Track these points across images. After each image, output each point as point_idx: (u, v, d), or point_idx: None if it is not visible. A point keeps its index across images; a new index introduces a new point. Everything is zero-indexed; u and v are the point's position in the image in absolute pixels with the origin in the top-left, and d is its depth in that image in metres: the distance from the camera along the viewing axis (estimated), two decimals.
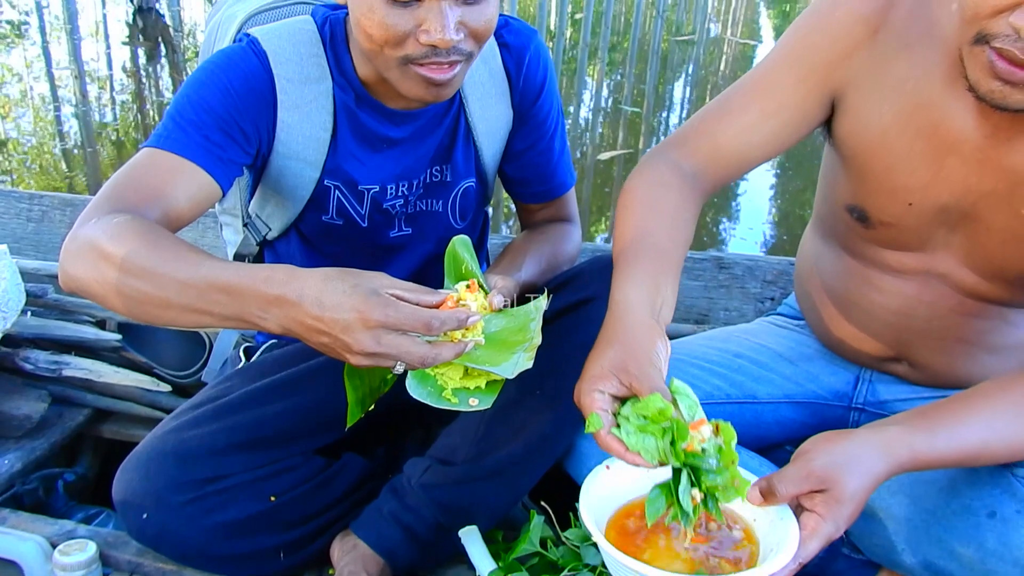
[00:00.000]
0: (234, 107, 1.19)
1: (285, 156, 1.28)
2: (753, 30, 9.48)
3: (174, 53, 6.74)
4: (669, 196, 1.18)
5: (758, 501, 0.94)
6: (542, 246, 1.40)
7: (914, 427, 0.99)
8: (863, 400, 1.39)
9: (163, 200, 1.12)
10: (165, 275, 0.98)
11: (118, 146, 4.76)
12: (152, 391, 1.73)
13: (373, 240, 1.40)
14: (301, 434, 1.31)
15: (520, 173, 1.46)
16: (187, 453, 1.22)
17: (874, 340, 1.33)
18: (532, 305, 1.13)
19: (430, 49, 1.09)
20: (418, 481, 1.25)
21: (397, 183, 1.35)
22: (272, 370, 1.37)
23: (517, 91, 1.37)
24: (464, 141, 1.37)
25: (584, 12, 9.29)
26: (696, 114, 1.29)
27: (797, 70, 1.19)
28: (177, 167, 1.14)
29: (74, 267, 1.04)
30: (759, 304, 2.16)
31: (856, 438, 0.97)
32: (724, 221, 4.39)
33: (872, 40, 1.13)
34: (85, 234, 1.04)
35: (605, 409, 0.93)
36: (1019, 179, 1.07)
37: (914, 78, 1.10)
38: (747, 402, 1.38)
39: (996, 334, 1.26)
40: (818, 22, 1.18)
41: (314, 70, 1.25)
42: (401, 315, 0.91)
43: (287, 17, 1.33)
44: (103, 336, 1.77)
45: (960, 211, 1.13)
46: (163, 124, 1.18)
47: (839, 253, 1.32)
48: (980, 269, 1.18)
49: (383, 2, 1.07)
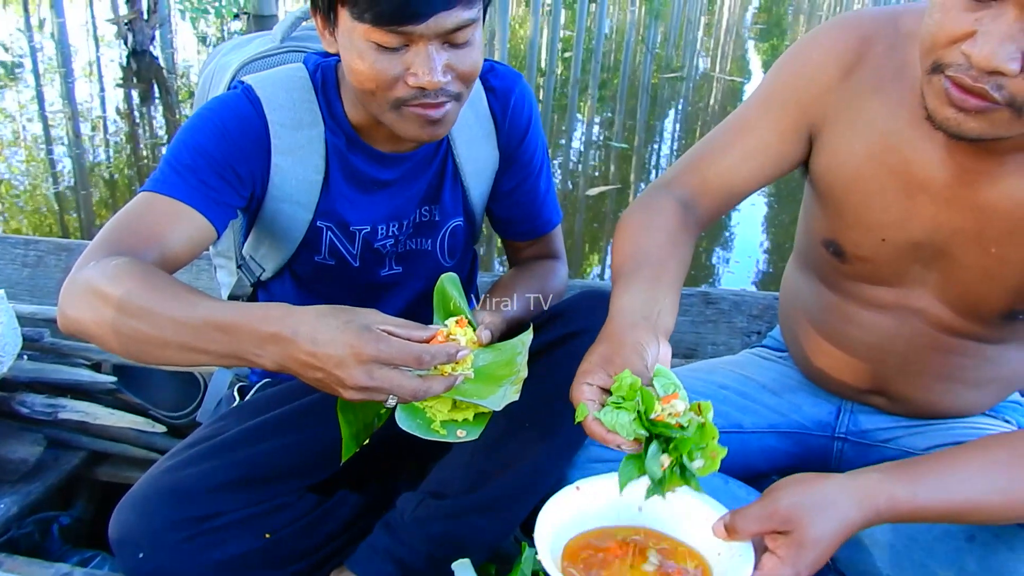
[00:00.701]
0: (229, 151, 1.23)
1: (279, 199, 1.31)
2: (742, 65, 9.60)
3: (168, 95, 6.80)
4: (663, 219, 1.22)
5: (722, 534, 0.94)
6: (529, 282, 1.43)
7: (897, 476, 0.97)
8: (845, 430, 1.42)
9: (160, 243, 1.15)
10: (162, 314, 1.01)
11: (112, 187, 4.79)
12: (147, 432, 1.73)
13: (365, 279, 1.43)
14: (295, 471, 1.32)
15: (507, 212, 1.50)
16: (183, 492, 1.23)
17: (853, 373, 1.35)
18: (518, 340, 1.17)
19: (419, 91, 1.13)
20: (411, 515, 1.26)
21: (388, 223, 1.38)
22: (266, 408, 1.39)
23: (503, 133, 1.41)
24: (452, 182, 1.41)
25: (574, 50, 9.41)
26: (685, 153, 1.34)
27: (775, 110, 1.23)
28: (173, 211, 1.18)
29: (73, 309, 1.06)
30: (746, 338, 2.19)
31: (831, 482, 0.95)
32: (716, 254, 4.43)
33: (846, 80, 1.17)
34: (83, 277, 1.07)
35: (592, 399, 0.96)
36: (988, 217, 1.10)
37: (885, 117, 1.13)
38: (733, 432, 1.41)
39: (973, 369, 1.28)
40: (795, 63, 1.23)
41: (307, 115, 1.29)
42: (393, 350, 0.94)
43: (280, 64, 1.38)
44: (99, 379, 1.79)
45: (933, 247, 1.16)
46: (159, 169, 1.21)
47: (818, 287, 1.34)
48: (955, 305, 1.20)
49: (372, 48, 1.11)
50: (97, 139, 5.62)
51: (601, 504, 1.02)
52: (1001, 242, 1.10)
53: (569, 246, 4.24)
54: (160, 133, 5.89)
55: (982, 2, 0.88)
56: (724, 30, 12.26)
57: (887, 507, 0.95)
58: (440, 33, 1.10)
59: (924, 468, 0.98)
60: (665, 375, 0.97)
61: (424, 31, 1.08)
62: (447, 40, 1.12)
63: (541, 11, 11.78)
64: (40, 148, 5.35)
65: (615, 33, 10.97)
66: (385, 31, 1.08)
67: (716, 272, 4.23)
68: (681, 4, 14.08)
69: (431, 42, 1.10)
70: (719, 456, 0.93)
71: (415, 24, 1.07)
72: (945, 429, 1.34)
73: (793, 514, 0.92)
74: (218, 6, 7.32)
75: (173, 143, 1.23)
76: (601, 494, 1.02)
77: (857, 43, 1.16)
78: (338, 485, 1.38)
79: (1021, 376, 1.33)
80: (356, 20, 1.10)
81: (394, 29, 1.08)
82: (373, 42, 1.10)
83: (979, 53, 0.87)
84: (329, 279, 1.42)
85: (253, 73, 1.34)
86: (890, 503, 0.95)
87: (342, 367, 0.93)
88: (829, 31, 1.20)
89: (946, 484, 0.97)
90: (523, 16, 11.47)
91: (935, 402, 1.33)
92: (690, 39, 10.94)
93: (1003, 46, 0.86)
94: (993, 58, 0.86)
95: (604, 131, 6.52)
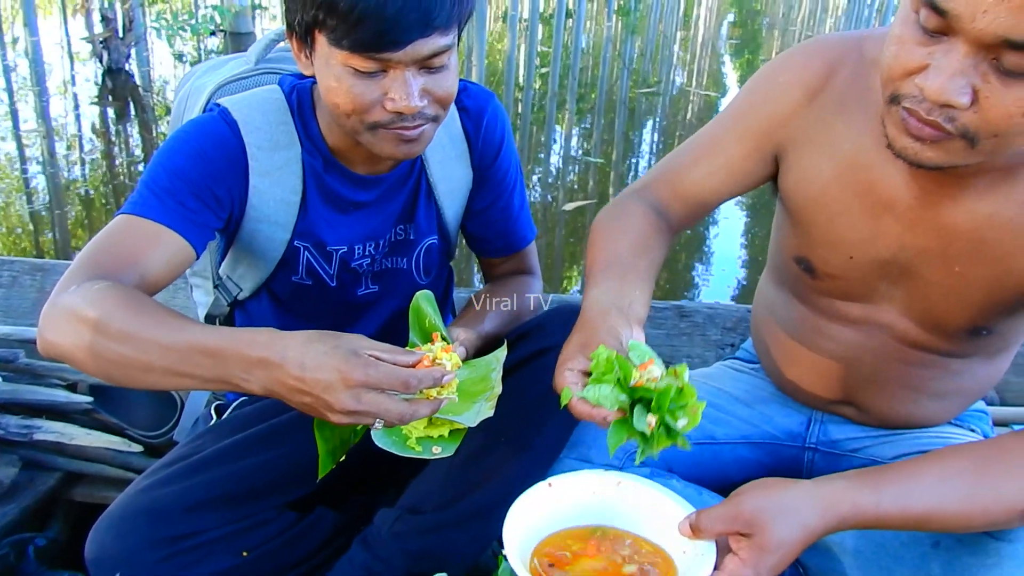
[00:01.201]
0: (207, 173, 1.24)
1: (256, 220, 1.32)
2: (718, 80, 9.69)
3: (143, 112, 6.78)
4: (635, 223, 1.26)
5: (687, 533, 0.96)
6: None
7: (861, 483, 0.99)
8: (815, 440, 1.44)
9: (140, 265, 1.16)
10: (147, 339, 1.01)
11: (87, 206, 4.77)
12: (124, 452, 1.73)
13: (342, 298, 1.44)
14: (273, 489, 1.32)
15: (481, 230, 1.51)
16: (160, 511, 1.23)
17: (822, 384, 1.37)
18: (492, 356, 1.18)
19: (396, 116, 1.15)
20: (389, 531, 1.27)
21: (364, 243, 1.40)
22: (243, 426, 1.39)
23: (476, 152, 1.43)
24: (426, 201, 1.43)
25: (551, 65, 9.47)
26: (656, 164, 1.37)
27: (740, 130, 1.27)
28: (153, 233, 1.18)
29: (53, 333, 1.07)
30: (720, 350, 2.22)
31: (795, 488, 0.97)
32: (693, 267, 4.47)
33: (812, 103, 1.20)
34: (64, 301, 1.07)
35: (575, 383, 0.98)
36: (951, 237, 1.12)
37: (851, 140, 1.16)
38: (706, 443, 1.43)
39: (938, 381, 1.31)
40: (764, 86, 1.26)
41: (283, 137, 1.30)
42: (380, 374, 0.96)
43: (255, 86, 1.39)
44: (74, 399, 1.79)
45: (898, 265, 1.18)
46: (137, 191, 1.22)
47: (790, 301, 1.37)
48: (920, 321, 1.23)
49: (350, 73, 1.13)
50: (72, 157, 5.59)
51: (573, 501, 1.04)
52: (964, 261, 1.13)
53: (548, 261, 4.27)
54: (136, 152, 5.86)
55: (934, 37, 0.90)
56: (700, 44, 12.38)
57: (851, 514, 0.96)
58: (417, 59, 1.12)
59: (887, 477, 1.00)
60: (638, 348, 1.00)
61: (402, 58, 1.10)
62: (424, 65, 1.14)
63: (519, 27, 11.86)
64: (14, 167, 5.31)
65: (592, 48, 11.05)
66: (363, 57, 1.10)
67: (693, 285, 4.26)
68: (657, 19, 14.21)
69: (408, 68, 1.12)
70: (699, 411, 0.96)
71: (393, 51, 1.09)
72: (912, 438, 1.37)
73: (756, 517, 0.94)
74: (194, 24, 7.31)
75: (150, 165, 1.24)
76: (573, 491, 1.04)
77: (823, 68, 1.19)
78: (316, 502, 1.38)
79: (984, 387, 1.36)
80: (334, 46, 1.11)
81: (372, 56, 1.10)
82: (351, 67, 1.12)
83: (931, 86, 0.90)
84: (306, 299, 1.43)
85: (228, 95, 1.35)
86: (854, 510, 0.96)
87: (330, 391, 0.94)
88: (796, 55, 1.23)
89: (908, 492, 0.98)
90: (501, 31, 11.53)
91: (901, 412, 1.35)
92: (666, 54, 11.03)
93: (953, 80, 0.88)
94: (944, 92, 0.89)
95: (582, 145, 6.56)
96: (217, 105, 1.30)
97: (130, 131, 6.45)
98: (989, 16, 0.83)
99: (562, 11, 12.53)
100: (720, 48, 12.01)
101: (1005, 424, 1.94)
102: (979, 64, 0.88)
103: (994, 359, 1.31)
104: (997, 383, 1.38)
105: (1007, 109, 0.88)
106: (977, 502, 1.00)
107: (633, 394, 0.95)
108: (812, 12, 16.90)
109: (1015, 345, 1.32)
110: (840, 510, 0.96)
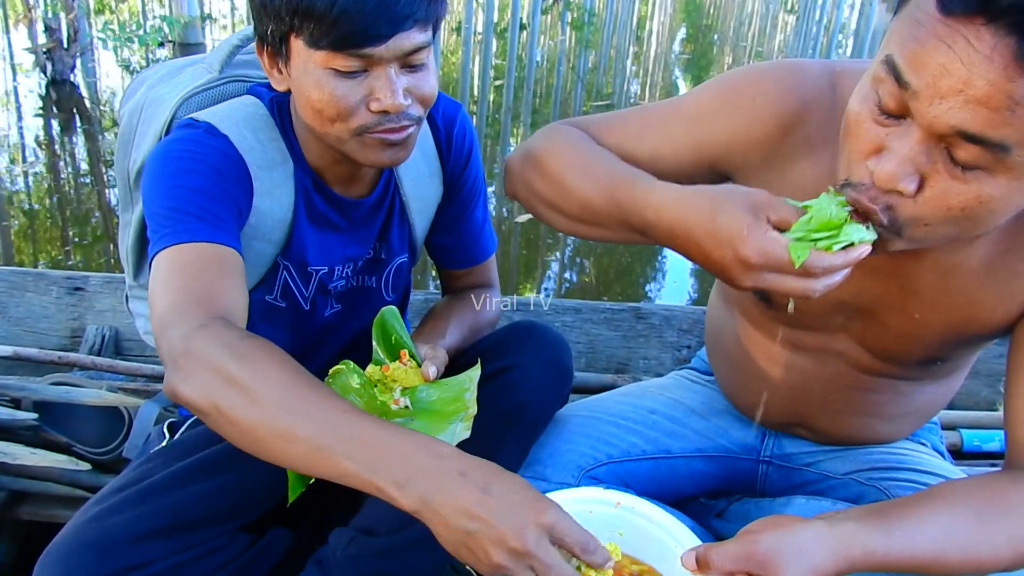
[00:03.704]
0: (225, 189, 1.18)
1: (251, 237, 1.27)
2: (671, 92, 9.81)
3: (90, 124, 6.64)
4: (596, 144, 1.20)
5: (691, 566, 0.93)
6: (464, 312, 1.45)
7: (871, 526, 0.96)
8: (770, 453, 1.46)
9: (230, 291, 1.08)
10: (301, 412, 0.92)
11: (31, 217, 4.66)
12: (71, 470, 1.69)
13: (311, 322, 1.42)
14: (227, 513, 1.28)
15: (447, 241, 1.51)
16: (108, 542, 1.17)
17: (775, 407, 1.37)
18: (466, 376, 1.15)
19: (382, 115, 1.13)
20: (343, 553, 1.26)
21: (344, 264, 1.38)
22: (196, 448, 1.35)
23: (448, 166, 1.43)
24: (399, 221, 1.42)
25: (506, 78, 9.51)
26: (602, 116, 1.28)
27: (698, 135, 1.19)
28: (217, 256, 1.11)
29: (192, 389, 0.97)
30: (676, 352, 2.25)
31: (809, 528, 0.94)
32: (649, 270, 4.51)
33: (782, 138, 1.14)
34: (202, 351, 0.97)
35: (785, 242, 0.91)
36: (912, 286, 1.12)
37: (814, 182, 1.12)
38: (662, 457, 1.44)
39: (889, 405, 1.32)
40: (735, 101, 1.17)
41: (277, 155, 1.26)
42: (569, 525, 0.86)
43: (223, 97, 1.33)
44: (18, 416, 1.73)
45: (857, 306, 1.18)
46: (169, 220, 1.12)
47: (743, 323, 1.36)
48: (875, 352, 1.23)
49: (331, 75, 1.11)
50: (16, 170, 5.45)
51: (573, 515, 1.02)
52: (924, 309, 1.13)
53: (503, 271, 4.27)
54: (82, 164, 5.75)
55: (890, 119, 0.89)
56: (653, 59, 12.53)
57: (862, 557, 0.94)
58: (399, 55, 1.10)
59: (896, 519, 0.97)
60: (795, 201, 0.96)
61: (384, 53, 1.09)
62: (404, 63, 1.12)
63: (473, 39, 11.89)
64: None
65: (546, 61, 11.12)
66: (345, 55, 1.08)
67: (649, 288, 4.30)
68: (610, 34, 14.36)
69: (390, 64, 1.11)
70: None
71: (376, 46, 1.08)
72: (864, 454, 1.39)
73: (771, 558, 0.91)
74: (142, 35, 7.18)
75: (164, 190, 1.15)
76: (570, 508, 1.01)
77: (799, 104, 1.13)
78: (270, 523, 1.35)
79: (936, 407, 1.38)
80: (312, 48, 1.09)
81: (354, 52, 1.08)
82: (332, 69, 1.10)
83: (881, 170, 0.89)
84: (275, 320, 1.39)
85: (196, 107, 1.30)
86: (865, 553, 0.94)
87: (514, 523, 0.83)
88: (772, 80, 1.15)
89: (914, 537, 0.96)
90: (455, 44, 11.55)
91: (854, 435, 1.37)
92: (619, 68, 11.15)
93: (903, 166, 0.87)
94: (893, 178, 0.88)
95: None
96: (194, 120, 1.23)
97: (75, 143, 6.31)
98: (945, 104, 0.82)
99: (516, 24, 12.59)
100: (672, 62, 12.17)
101: (952, 427, 1.98)
102: (931, 152, 0.87)
103: (946, 381, 1.33)
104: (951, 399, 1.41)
105: (947, 201, 0.88)
106: (972, 551, 0.98)
107: None
108: (762, 28, 17.21)
109: (967, 367, 1.34)
110: (852, 554, 0.94)
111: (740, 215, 0.93)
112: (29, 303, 2.27)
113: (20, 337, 2.23)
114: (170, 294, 1.05)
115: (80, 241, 4.39)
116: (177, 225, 1.11)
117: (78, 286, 2.27)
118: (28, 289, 2.27)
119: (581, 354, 2.30)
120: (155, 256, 1.11)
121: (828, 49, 13.09)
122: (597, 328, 2.30)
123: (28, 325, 2.26)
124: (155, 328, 1.05)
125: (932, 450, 1.45)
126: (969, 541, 0.97)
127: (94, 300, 2.27)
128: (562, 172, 1.16)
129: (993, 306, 1.10)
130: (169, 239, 1.10)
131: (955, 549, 0.97)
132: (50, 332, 2.26)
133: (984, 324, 1.12)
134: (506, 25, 12.89)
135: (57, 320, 2.27)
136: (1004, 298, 1.09)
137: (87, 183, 5.30)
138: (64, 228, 4.55)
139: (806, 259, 0.90)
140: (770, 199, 0.95)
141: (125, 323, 2.23)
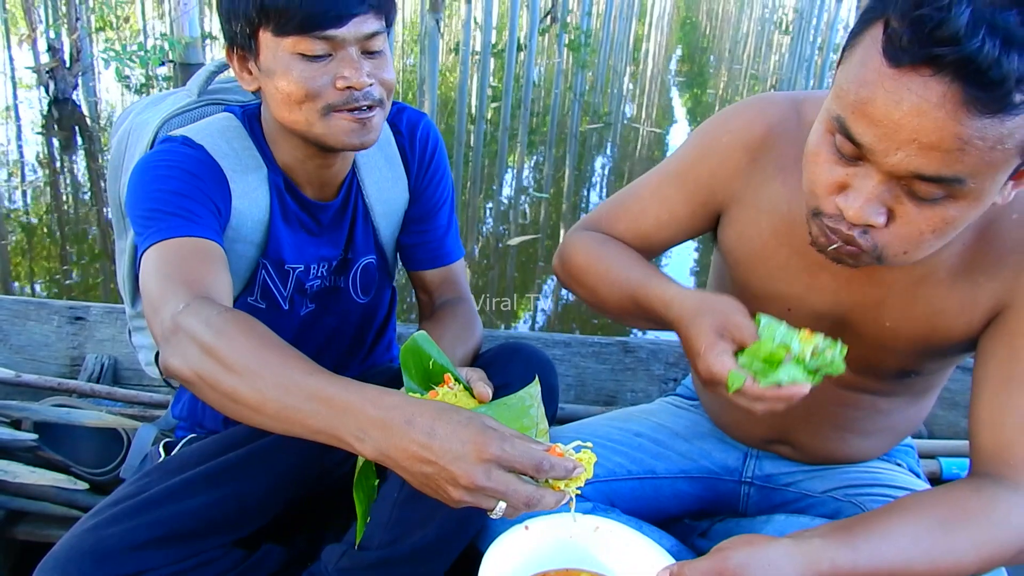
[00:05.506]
0: (201, 189, 1.27)
1: (233, 240, 1.36)
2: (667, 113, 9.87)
3: (91, 143, 6.69)
4: (611, 244, 1.34)
5: None
6: (457, 331, 1.48)
7: (838, 541, 0.99)
8: (751, 475, 1.49)
9: (216, 283, 1.17)
10: (268, 377, 0.98)
11: (29, 234, 4.69)
12: (69, 489, 1.71)
13: (287, 322, 1.48)
14: (221, 526, 1.32)
15: (411, 239, 1.57)
16: (105, 551, 1.21)
17: (757, 425, 1.43)
18: (525, 392, 1.14)
19: (348, 93, 1.22)
20: (335, 567, 1.28)
21: (319, 263, 1.46)
22: (192, 463, 1.38)
23: (412, 171, 1.51)
24: (363, 221, 1.49)
25: (503, 99, 9.57)
26: (604, 204, 1.41)
27: (687, 188, 1.32)
28: (199, 248, 1.20)
29: (178, 360, 1.05)
30: (663, 385, 2.28)
31: (777, 546, 0.98)
32: None
33: (753, 165, 1.24)
34: (186, 324, 1.05)
35: (739, 369, 1.02)
36: (883, 295, 1.18)
37: (787, 200, 1.21)
38: (647, 477, 1.47)
39: (867, 420, 1.37)
40: (708, 144, 1.30)
41: (250, 160, 1.35)
42: (516, 451, 0.89)
43: (200, 117, 1.42)
44: (18, 436, 1.76)
45: (834, 318, 1.24)
46: (150, 220, 1.22)
47: None
48: (854, 366, 1.25)
49: (299, 60, 1.21)
50: (14, 184, 5.49)
51: (550, 544, 1.05)
52: (895, 318, 1.19)
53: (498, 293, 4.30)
54: (82, 181, 5.78)
55: (849, 162, 0.96)
56: (649, 79, 12.60)
57: (829, 571, 0.98)
58: (360, 38, 1.21)
59: (861, 533, 1.01)
60: (769, 326, 1.05)
61: (346, 35, 1.20)
62: (364, 48, 1.23)
63: (471, 59, 11.97)
64: None
65: (543, 81, 11.18)
66: (311, 39, 1.19)
67: None
68: (607, 54, 14.45)
69: (352, 46, 1.21)
70: None
71: (338, 27, 1.19)
72: (841, 473, 1.43)
73: (740, 574, 0.94)
74: (143, 56, 7.23)
75: (143, 194, 1.24)
76: (550, 533, 1.05)
77: (763, 130, 1.23)
78: (263, 538, 1.38)
79: (910, 426, 1.43)
80: (280, 36, 1.20)
81: (319, 34, 1.18)
82: (299, 53, 1.20)
83: (850, 208, 0.95)
84: None
85: (177, 127, 1.38)
86: (832, 567, 0.98)
87: (459, 462, 0.88)
88: (738, 117, 1.27)
89: (881, 549, 1.00)
90: (453, 63, 11.62)
91: (833, 450, 1.42)
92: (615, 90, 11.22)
93: (870, 204, 0.94)
94: (862, 215, 0.94)
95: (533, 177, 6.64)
96: (172, 136, 1.33)
97: (76, 161, 6.36)
98: (901, 154, 0.88)
99: (513, 45, 12.68)
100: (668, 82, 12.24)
101: (931, 456, 2.02)
102: (893, 188, 0.93)
103: (920, 399, 1.38)
104: (924, 419, 1.45)
105: (919, 227, 0.95)
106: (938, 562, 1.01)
107: (809, 370, 1.02)
108: (757, 48, 17.33)
109: (939, 386, 1.39)
110: (820, 568, 0.97)
111: (705, 333, 1.06)
112: (30, 331, 2.29)
113: (20, 365, 2.25)
114: (157, 282, 1.15)
115: (79, 260, 4.42)
116: (159, 223, 1.21)
117: (79, 315, 2.30)
118: (30, 318, 2.30)
119: (570, 387, 2.33)
120: (142, 255, 1.20)
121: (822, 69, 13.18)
122: (586, 361, 2.33)
123: (29, 353, 2.28)
124: (147, 314, 1.14)
125: (908, 471, 1.48)
126: (935, 550, 1.01)
127: (94, 329, 2.30)
128: (595, 287, 1.33)
129: (957, 315, 1.16)
130: (153, 237, 1.20)
131: (921, 558, 1.00)
132: (50, 360, 2.28)
133: (947, 334, 1.18)
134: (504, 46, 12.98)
135: (57, 348, 2.29)
136: (967, 308, 1.15)
137: (87, 200, 5.34)
138: (63, 247, 4.59)
139: (739, 388, 1.01)
140: (737, 322, 1.06)
141: (124, 352, 2.26)
